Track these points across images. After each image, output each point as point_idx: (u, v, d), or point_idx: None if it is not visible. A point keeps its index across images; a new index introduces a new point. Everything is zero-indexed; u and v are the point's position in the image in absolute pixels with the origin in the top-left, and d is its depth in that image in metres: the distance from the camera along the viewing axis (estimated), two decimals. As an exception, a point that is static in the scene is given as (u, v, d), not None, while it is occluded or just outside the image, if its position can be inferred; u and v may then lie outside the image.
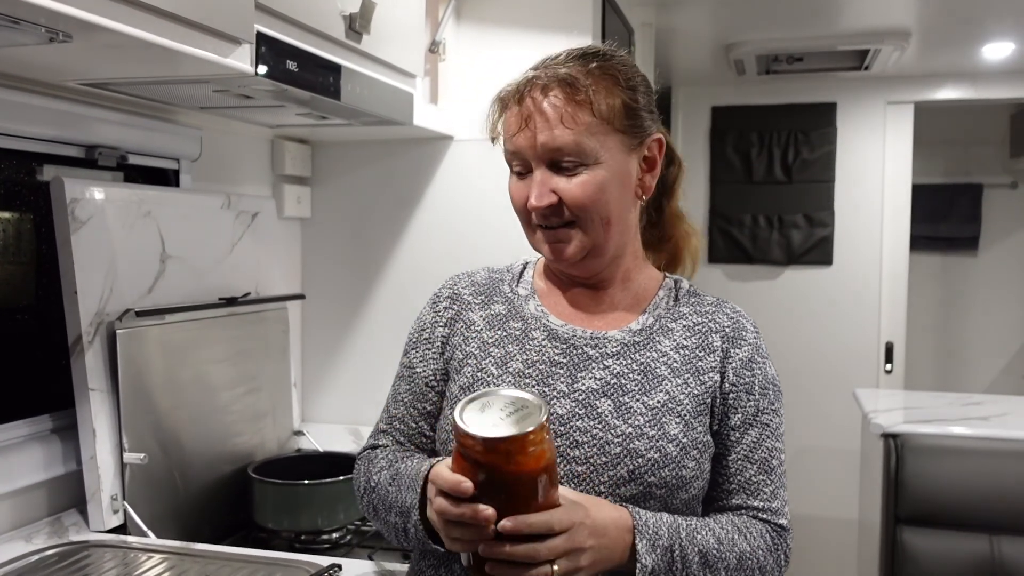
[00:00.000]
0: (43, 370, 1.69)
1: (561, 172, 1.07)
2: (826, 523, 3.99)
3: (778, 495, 1.13)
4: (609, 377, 1.10)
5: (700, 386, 1.10)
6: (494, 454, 0.87)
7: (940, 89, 3.91)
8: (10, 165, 1.63)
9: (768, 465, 1.12)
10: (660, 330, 1.13)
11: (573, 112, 1.05)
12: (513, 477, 0.88)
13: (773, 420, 1.14)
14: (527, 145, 1.08)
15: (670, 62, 3.70)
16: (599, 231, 1.09)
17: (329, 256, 2.43)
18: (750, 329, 1.17)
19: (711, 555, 1.04)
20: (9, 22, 1.08)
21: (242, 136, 2.17)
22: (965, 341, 4.84)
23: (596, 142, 1.06)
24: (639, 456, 1.05)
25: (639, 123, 1.10)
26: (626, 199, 1.11)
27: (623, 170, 1.10)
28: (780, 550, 1.12)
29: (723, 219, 4.18)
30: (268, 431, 2.02)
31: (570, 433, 1.07)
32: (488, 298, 1.22)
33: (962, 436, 2.52)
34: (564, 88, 1.06)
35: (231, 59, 1.35)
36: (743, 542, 1.08)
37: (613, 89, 1.08)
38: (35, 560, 1.43)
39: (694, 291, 1.21)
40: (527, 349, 1.14)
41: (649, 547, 1.00)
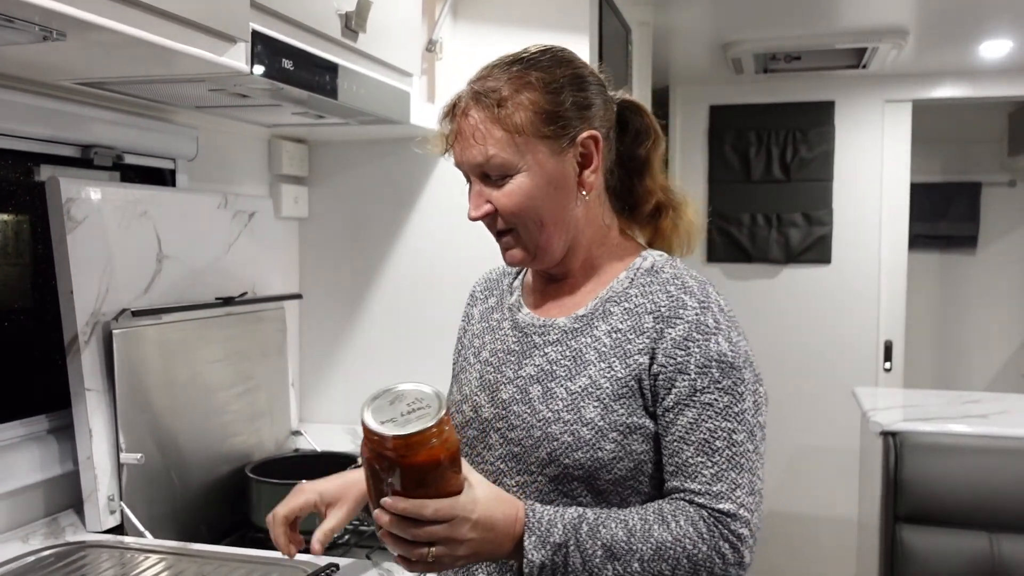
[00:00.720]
0: (39, 370, 1.68)
1: (492, 183, 1.13)
2: (825, 522, 3.99)
3: (723, 478, 1.05)
4: (545, 363, 1.15)
5: (624, 369, 1.10)
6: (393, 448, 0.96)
7: (938, 87, 3.91)
8: (6, 165, 1.63)
9: (709, 447, 1.06)
10: (601, 315, 1.15)
11: (487, 129, 1.11)
12: (408, 467, 0.97)
13: (719, 399, 1.07)
14: (458, 160, 1.15)
15: (668, 61, 3.70)
16: (535, 234, 1.14)
17: (326, 256, 2.43)
18: (692, 306, 1.10)
19: (618, 547, 1.03)
20: (3, 21, 1.07)
21: (239, 135, 2.16)
22: (964, 339, 4.84)
23: (514, 153, 1.10)
24: (555, 439, 1.10)
25: (563, 125, 1.12)
26: (562, 200, 1.14)
27: (553, 173, 1.13)
28: (720, 538, 1.04)
29: (722, 218, 4.18)
30: (266, 431, 2.01)
31: (508, 417, 1.15)
32: (490, 293, 1.33)
33: (961, 434, 2.52)
34: (479, 106, 1.12)
35: (226, 58, 1.35)
36: (663, 531, 1.04)
37: (532, 97, 1.11)
38: (32, 561, 1.43)
39: (656, 268, 1.16)
40: (496, 339, 1.23)
41: (538, 543, 1.02)
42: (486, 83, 1.13)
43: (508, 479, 1.15)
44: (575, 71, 1.16)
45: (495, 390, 1.19)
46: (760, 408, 1.10)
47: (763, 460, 1.09)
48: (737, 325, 1.13)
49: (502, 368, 1.19)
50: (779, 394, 4.08)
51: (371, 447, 0.99)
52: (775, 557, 4.12)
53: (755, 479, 1.07)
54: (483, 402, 1.20)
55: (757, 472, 1.08)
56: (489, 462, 1.18)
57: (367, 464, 1.01)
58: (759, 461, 1.08)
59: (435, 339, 2.32)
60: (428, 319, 2.34)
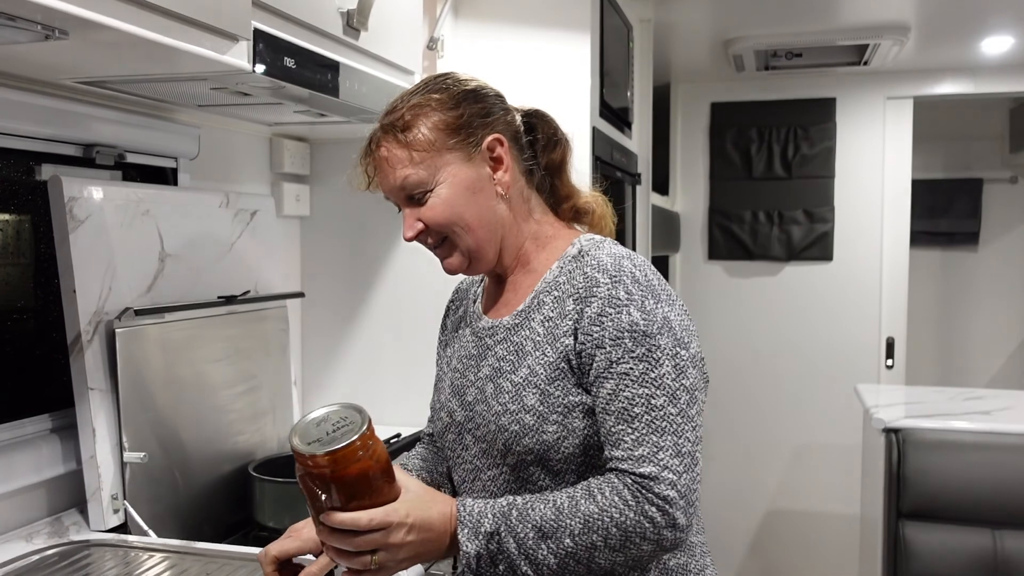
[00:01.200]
0: (42, 370, 1.68)
1: (417, 203, 1.20)
2: (828, 518, 4.00)
3: (644, 442, 1.07)
4: (495, 362, 1.22)
5: (554, 353, 1.15)
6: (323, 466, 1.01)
7: (939, 84, 3.90)
8: (8, 164, 1.63)
9: (628, 413, 1.08)
10: (536, 307, 1.21)
11: (398, 155, 1.19)
12: (340, 482, 1.02)
13: (635, 367, 1.09)
14: (385, 190, 1.23)
15: (669, 58, 3.70)
16: (465, 239, 1.21)
17: (328, 254, 2.43)
18: (603, 282, 1.13)
19: (548, 526, 1.06)
20: (5, 20, 1.07)
21: (240, 134, 2.16)
22: (966, 336, 4.84)
23: (427, 170, 1.18)
24: (505, 430, 1.17)
25: (469, 133, 1.20)
26: (483, 203, 1.21)
27: (468, 180, 1.20)
28: (646, 502, 1.05)
29: (723, 215, 4.18)
30: (268, 429, 2.01)
31: (474, 417, 1.22)
32: (459, 304, 1.40)
33: (964, 431, 2.52)
34: (387, 136, 1.20)
35: (228, 56, 1.35)
36: (590, 504, 1.06)
37: (433, 117, 1.19)
38: (36, 560, 1.43)
39: (582, 253, 1.20)
40: (461, 346, 1.31)
41: (471, 534, 1.07)
42: (391, 116, 1.21)
43: (484, 474, 1.22)
44: (471, 86, 1.24)
45: (463, 394, 1.26)
46: (683, 371, 1.10)
47: (694, 422, 1.09)
48: (658, 293, 1.14)
49: (466, 373, 1.27)
50: (781, 391, 4.11)
51: (304, 469, 1.03)
52: (778, 554, 4.13)
53: (681, 440, 1.07)
54: (455, 407, 1.27)
55: (684, 434, 1.08)
56: (467, 460, 1.25)
57: (303, 487, 1.05)
58: (686, 423, 1.08)
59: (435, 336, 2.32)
60: (429, 317, 2.32)
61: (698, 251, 4.25)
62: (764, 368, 4.12)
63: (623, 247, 1.21)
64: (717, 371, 4.00)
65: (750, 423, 4.13)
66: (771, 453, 4.13)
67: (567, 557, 1.06)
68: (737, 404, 4.12)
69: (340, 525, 1.03)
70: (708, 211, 4.22)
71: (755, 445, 4.14)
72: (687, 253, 4.25)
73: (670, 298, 1.15)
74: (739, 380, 4.13)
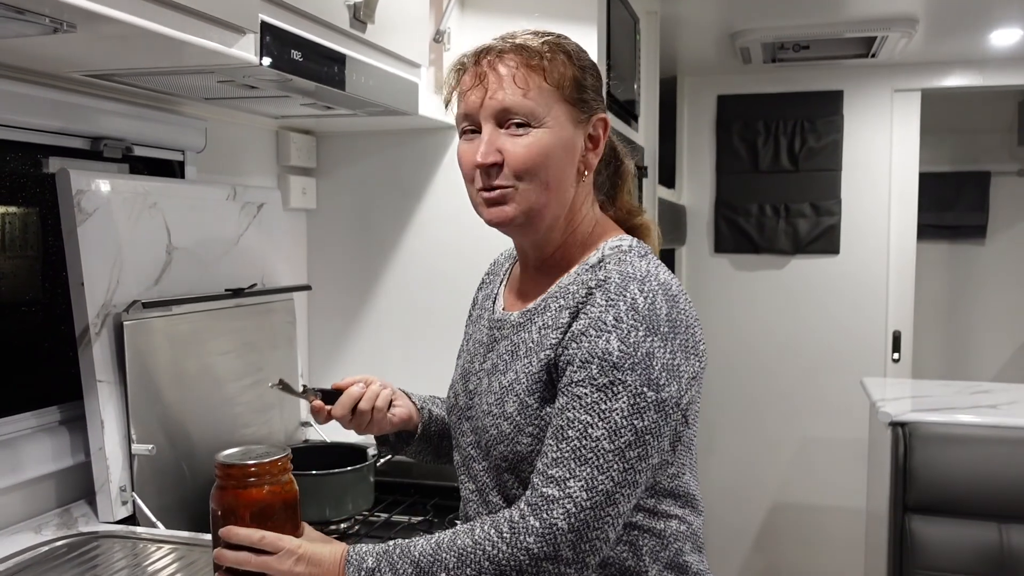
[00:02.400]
0: (51, 362, 1.69)
1: (508, 132, 1.13)
2: (834, 512, 3.99)
3: (562, 464, 1.03)
4: (495, 357, 1.20)
5: (538, 363, 1.12)
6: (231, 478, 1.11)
7: (947, 76, 3.88)
8: (15, 157, 1.63)
9: (563, 433, 1.05)
10: (541, 311, 1.17)
11: (525, 74, 1.12)
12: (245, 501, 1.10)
13: (589, 394, 1.04)
14: (477, 102, 1.14)
15: (675, 51, 3.68)
16: (538, 194, 1.14)
17: (335, 247, 2.43)
18: (599, 303, 1.08)
19: (424, 561, 1.07)
20: (14, 12, 1.07)
21: (247, 127, 2.16)
22: (973, 329, 4.83)
23: (544, 107, 1.12)
24: (485, 432, 1.17)
25: (586, 99, 1.16)
26: (568, 170, 1.16)
27: (567, 140, 1.15)
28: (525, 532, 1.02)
29: (729, 208, 4.17)
30: (275, 422, 2.02)
31: (472, 407, 1.22)
32: (491, 279, 1.37)
33: (971, 424, 2.52)
34: (520, 53, 1.13)
35: (235, 49, 1.35)
36: (466, 538, 1.06)
37: (566, 62, 1.15)
38: (45, 551, 1.44)
39: (601, 263, 1.15)
40: (477, 330, 1.30)
41: (355, 571, 1.08)
42: (521, 39, 1.15)
43: (476, 464, 1.21)
44: (593, 62, 1.21)
45: (467, 380, 1.25)
46: (640, 412, 1.04)
47: (628, 463, 1.03)
48: (656, 326, 1.06)
49: (474, 359, 1.26)
50: (787, 385, 4.11)
51: (216, 484, 1.12)
52: (783, 547, 4.13)
53: (602, 477, 1.02)
54: (460, 390, 1.27)
55: (608, 471, 1.03)
56: (464, 447, 1.24)
57: (213, 504, 1.12)
58: (616, 462, 1.03)
59: (442, 329, 2.33)
60: (436, 309, 2.34)
61: (704, 244, 4.24)
62: (770, 361, 4.12)
63: (646, 263, 1.13)
64: (722, 364, 4.02)
65: (755, 417, 4.12)
66: (776, 447, 4.13)
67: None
68: (742, 397, 4.12)
69: (235, 538, 1.08)
70: (714, 204, 4.21)
71: (760, 439, 4.13)
72: (693, 246, 4.24)
73: (672, 331, 1.07)
74: (744, 374, 4.13)
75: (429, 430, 1.38)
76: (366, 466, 1.79)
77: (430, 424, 1.38)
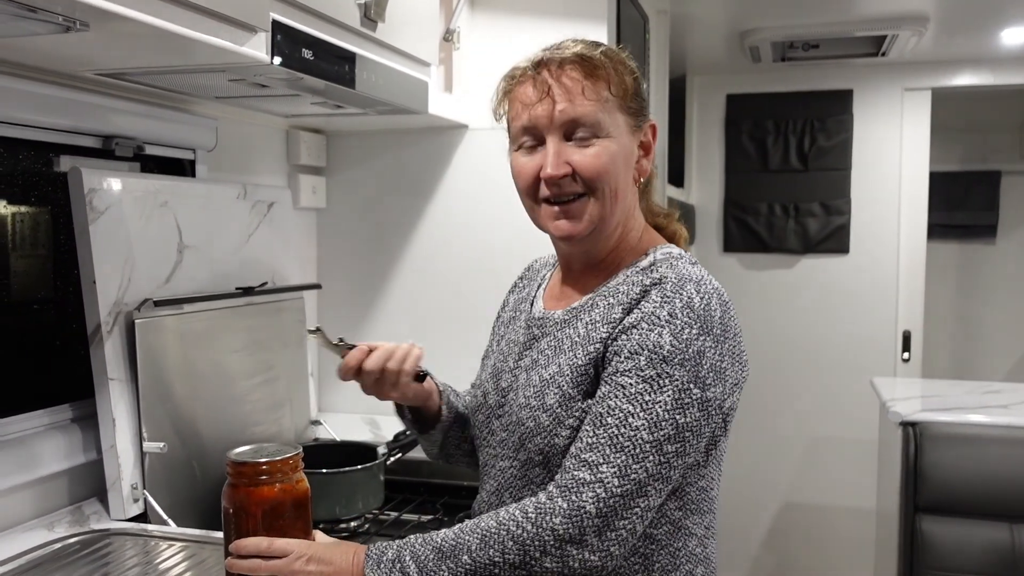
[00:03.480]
0: (62, 360, 1.70)
1: (574, 143, 1.13)
2: (844, 512, 3.98)
3: (597, 449, 1.03)
4: (536, 354, 1.20)
5: (585, 356, 1.12)
6: (242, 476, 1.11)
7: (958, 75, 3.87)
8: (28, 156, 1.64)
9: (601, 420, 1.04)
10: (588, 308, 1.17)
11: (592, 85, 1.12)
12: (256, 499, 1.10)
13: (633, 384, 1.04)
14: (544, 115, 1.12)
15: (685, 50, 3.68)
16: (608, 203, 1.14)
17: (344, 246, 2.44)
18: (654, 299, 1.08)
19: (447, 546, 1.06)
20: (26, 11, 1.08)
21: (257, 126, 2.17)
22: (983, 329, 4.81)
23: (609, 117, 1.13)
24: (522, 424, 1.15)
25: (641, 108, 1.18)
26: (628, 178, 1.17)
27: (628, 148, 1.16)
28: (552, 513, 1.01)
29: (738, 208, 4.16)
30: (286, 421, 2.02)
31: (503, 404, 1.21)
32: (527, 283, 1.37)
33: (981, 424, 2.50)
34: (582, 63, 1.13)
35: (247, 47, 1.35)
36: (490, 520, 1.06)
37: (624, 71, 1.16)
38: (57, 548, 1.44)
39: (652, 266, 1.15)
40: (511, 330, 1.30)
41: (374, 565, 1.07)
42: (580, 50, 1.14)
43: (499, 463, 1.21)
44: (640, 73, 1.22)
45: (499, 379, 1.25)
46: (684, 408, 1.04)
47: (665, 457, 1.03)
48: (709, 326, 1.07)
49: (507, 358, 1.25)
50: (797, 384, 4.09)
51: (228, 482, 1.12)
52: (793, 548, 4.12)
53: (636, 466, 1.02)
54: (490, 389, 1.26)
55: (643, 462, 1.02)
56: (491, 446, 1.23)
57: (223, 509, 1.13)
58: (654, 454, 1.02)
59: (452, 327, 2.33)
60: (445, 308, 2.34)
61: (713, 244, 4.23)
62: (779, 361, 4.11)
63: (699, 270, 1.14)
64: (732, 364, 4.00)
65: (765, 416, 4.11)
66: (786, 447, 4.12)
67: (468, 575, 1.04)
68: (751, 397, 4.09)
69: (244, 550, 1.08)
70: (724, 203, 4.20)
71: (770, 439, 4.12)
72: (702, 245, 4.23)
73: (723, 334, 1.09)
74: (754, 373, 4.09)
75: (446, 419, 1.38)
76: (376, 464, 1.79)
77: (447, 411, 1.38)
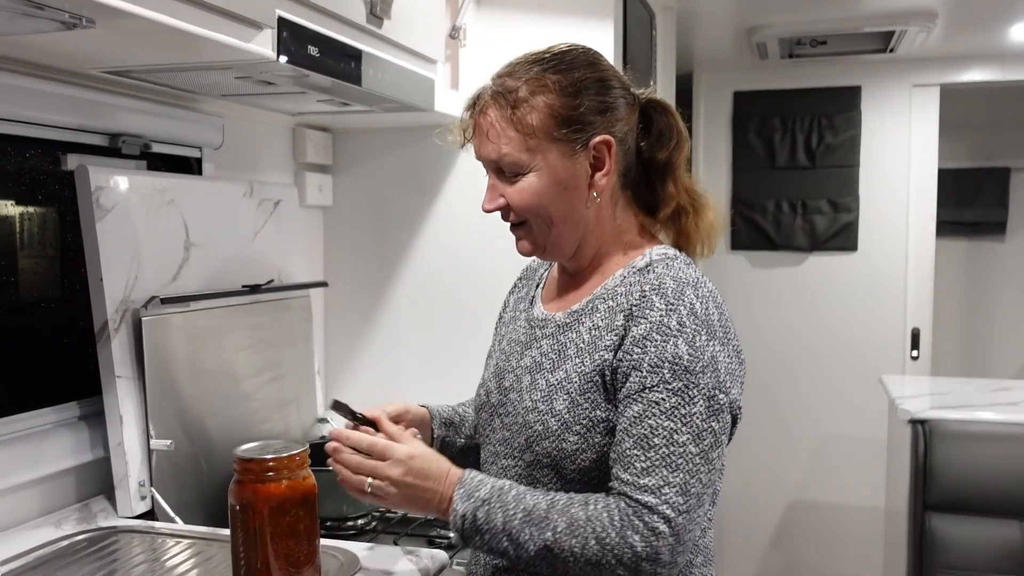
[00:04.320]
0: (70, 358, 1.70)
1: (506, 178, 1.18)
2: (852, 510, 3.97)
3: (653, 473, 1.05)
4: (538, 356, 1.22)
5: (591, 364, 1.14)
6: (249, 473, 1.12)
7: (967, 71, 3.84)
8: (34, 154, 1.64)
9: (647, 442, 1.06)
10: (588, 312, 1.19)
11: (503, 128, 1.15)
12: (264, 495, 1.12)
13: (667, 399, 1.06)
14: (477, 154, 1.20)
15: (691, 47, 3.67)
16: (543, 231, 1.19)
17: (351, 244, 2.44)
18: (658, 307, 1.10)
19: (537, 514, 1.08)
20: (33, 8, 1.08)
21: (264, 124, 2.17)
22: (993, 327, 4.78)
23: (526, 153, 1.15)
24: (529, 427, 1.17)
25: (577, 129, 1.15)
26: (571, 201, 1.18)
27: (565, 174, 1.16)
28: (631, 529, 1.04)
29: (746, 205, 4.14)
30: (292, 418, 2.02)
31: (506, 404, 1.24)
32: (525, 283, 1.39)
33: (991, 422, 2.49)
34: (496, 105, 1.16)
35: (253, 44, 1.35)
36: (580, 510, 1.07)
37: (548, 100, 1.14)
38: (65, 545, 1.44)
39: (649, 267, 1.17)
40: (513, 329, 1.32)
41: (465, 496, 1.10)
42: (506, 82, 1.17)
43: (501, 460, 1.24)
44: (598, 74, 1.18)
45: (502, 378, 1.27)
46: (716, 414, 1.08)
47: (712, 464, 1.08)
48: (714, 330, 1.10)
49: (510, 358, 1.27)
50: (805, 383, 4.08)
51: (235, 478, 1.13)
52: (801, 546, 4.11)
53: (692, 480, 1.05)
54: (493, 388, 1.28)
55: (697, 474, 1.06)
56: (493, 443, 1.26)
57: (230, 506, 1.14)
58: (703, 465, 1.06)
59: (458, 326, 2.33)
60: (451, 306, 2.34)
61: (720, 241, 4.20)
62: (787, 359, 4.09)
63: (694, 270, 1.17)
64: (740, 362, 3.99)
65: (773, 415, 4.10)
66: (794, 445, 4.11)
67: (544, 550, 1.06)
68: (760, 395, 4.09)
69: (346, 440, 1.15)
70: (731, 201, 4.18)
71: (778, 437, 4.11)
72: (709, 243, 4.21)
73: (726, 336, 1.12)
74: (762, 372, 4.10)
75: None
76: (383, 462, 1.78)
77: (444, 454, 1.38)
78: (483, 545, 1.10)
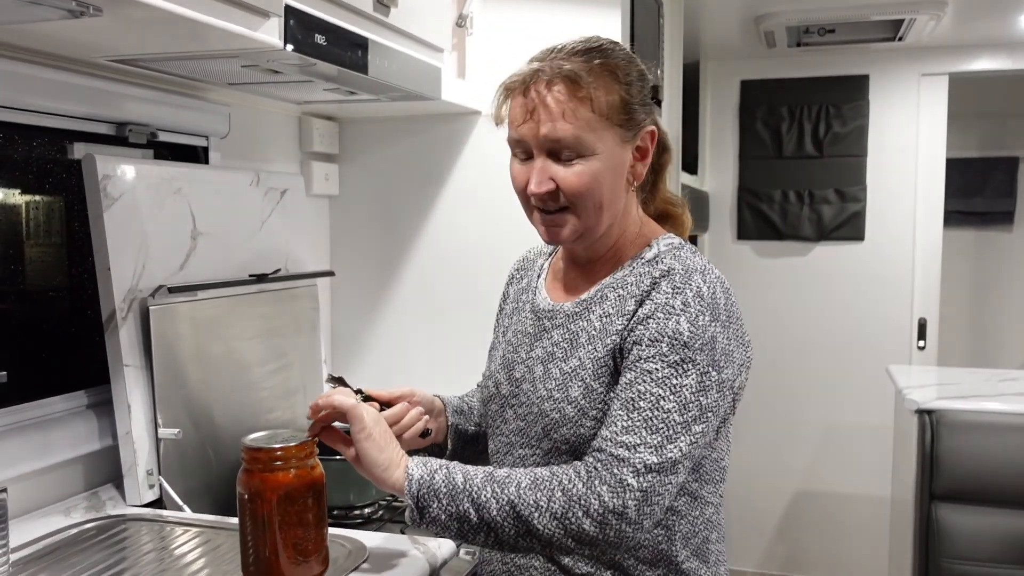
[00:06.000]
0: (78, 347, 1.70)
1: (559, 161, 1.15)
2: (859, 500, 3.97)
3: (633, 431, 1.07)
4: (550, 346, 1.23)
5: (603, 349, 1.16)
6: (257, 462, 1.13)
7: (976, 60, 3.82)
8: (41, 143, 1.64)
9: (633, 404, 1.08)
10: (598, 300, 1.21)
11: (575, 108, 1.13)
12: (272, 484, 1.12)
13: (659, 369, 1.09)
14: (530, 135, 1.15)
15: (699, 35, 3.65)
16: (592, 216, 1.18)
17: (357, 233, 2.44)
18: (665, 290, 1.13)
19: (499, 474, 1.10)
20: (40, -4, 1.08)
21: (270, 113, 2.17)
22: (1000, 317, 4.77)
23: (594, 136, 1.14)
24: (546, 416, 1.19)
25: (634, 117, 1.18)
26: (618, 186, 1.19)
27: (617, 160, 1.18)
28: (599, 480, 1.05)
29: (752, 195, 4.13)
30: (300, 407, 2.03)
31: (519, 395, 1.24)
32: (524, 274, 1.39)
33: (998, 412, 2.49)
34: (567, 83, 1.13)
35: (260, 32, 1.35)
36: (544, 469, 1.11)
37: (612, 85, 1.15)
38: (74, 533, 1.45)
39: (657, 258, 1.20)
40: (518, 320, 1.32)
41: (420, 463, 1.12)
42: (571, 63, 1.15)
43: (516, 450, 1.25)
44: (641, 68, 1.21)
45: (511, 369, 1.28)
46: (706, 390, 1.09)
47: (693, 437, 1.08)
48: (718, 312, 1.12)
49: (519, 349, 1.28)
50: (812, 373, 4.08)
51: (243, 467, 1.14)
52: (807, 536, 4.11)
53: (669, 446, 1.07)
54: (502, 379, 1.29)
55: (676, 441, 1.07)
56: (505, 434, 1.27)
57: (238, 495, 1.14)
58: (684, 434, 1.08)
59: (464, 315, 2.33)
60: (458, 296, 2.34)
61: (727, 231, 4.21)
62: (794, 349, 4.09)
63: (701, 259, 1.19)
64: (746, 352, 3.98)
65: (780, 404, 4.10)
66: (801, 434, 4.11)
67: (508, 507, 1.07)
68: (767, 385, 4.09)
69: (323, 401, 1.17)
70: (737, 190, 4.17)
71: (785, 426, 4.11)
72: (716, 233, 4.21)
73: (728, 320, 1.14)
74: (768, 361, 4.10)
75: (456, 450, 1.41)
76: (390, 451, 1.79)
77: (457, 441, 1.41)
78: (441, 511, 1.08)
